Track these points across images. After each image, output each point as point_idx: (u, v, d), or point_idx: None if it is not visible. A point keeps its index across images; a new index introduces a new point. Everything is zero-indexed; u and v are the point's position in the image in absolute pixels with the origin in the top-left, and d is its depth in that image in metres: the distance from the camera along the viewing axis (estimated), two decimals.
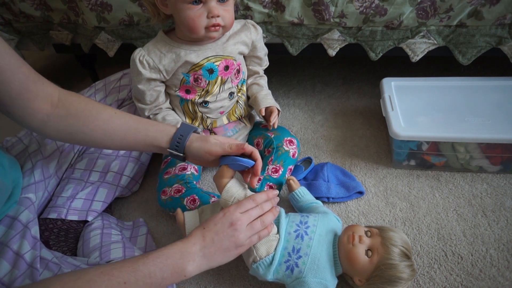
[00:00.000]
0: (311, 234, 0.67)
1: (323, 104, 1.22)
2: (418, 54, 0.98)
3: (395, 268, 0.60)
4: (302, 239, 0.66)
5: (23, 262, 0.63)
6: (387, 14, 0.91)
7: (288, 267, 0.65)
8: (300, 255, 0.65)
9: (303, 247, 0.65)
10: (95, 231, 0.76)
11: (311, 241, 0.66)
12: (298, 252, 0.65)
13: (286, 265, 0.65)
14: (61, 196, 0.81)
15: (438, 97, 0.96)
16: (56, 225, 0.77)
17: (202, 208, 0.74)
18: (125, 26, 1.05)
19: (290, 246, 0.66)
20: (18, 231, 0.67)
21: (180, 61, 0.80)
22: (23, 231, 0.67)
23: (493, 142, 0.83)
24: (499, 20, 0.88)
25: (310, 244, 0.66)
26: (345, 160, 0.99)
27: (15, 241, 0.65)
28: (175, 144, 0.69)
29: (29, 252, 0.65)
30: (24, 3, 1.07)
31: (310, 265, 0.64)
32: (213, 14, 0.74)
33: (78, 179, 0.84)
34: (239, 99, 0.93)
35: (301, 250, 0.65)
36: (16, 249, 0.64)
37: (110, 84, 0.94)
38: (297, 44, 1.03)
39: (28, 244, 0.66)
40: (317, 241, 0.66)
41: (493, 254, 0.73)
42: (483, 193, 0.85)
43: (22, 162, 0.80)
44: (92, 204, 0.82)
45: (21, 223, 0.68)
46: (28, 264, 0.63)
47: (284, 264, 0.65)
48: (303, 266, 0.64)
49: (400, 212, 0.84)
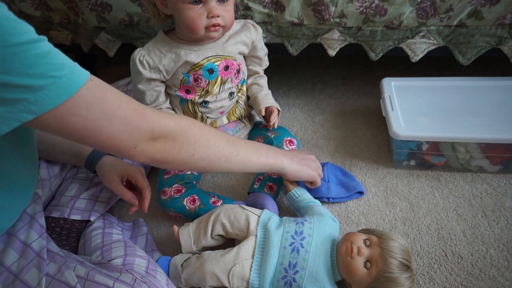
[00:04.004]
0: (307, 246, 0.66)
1: (323, 104, 1.22)
2: (418, 54, 0.98)
3: (394, 281, 0.60)
4: (298, 252, 0.66)
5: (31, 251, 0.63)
6: (387, 14, 0.91)
7: (286, 283, 0.65)
8: (297, 269, 0.65)
9: (299, 261, 0.65)
10: (96, 231, 0.76)
11: (307, 254, 0.65)
12: (295, 267, 0.65)
13: (283, 281, 0.65)
14: (64, 195, 0.81)
15: (438, 97, 0.96)
16: (59, 224, 0.77)
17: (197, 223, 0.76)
18: (125, 26, 1.05)
19: (286, 262, 0.66)
20: (25, 222, 0.67)
21: (180, 61, 0.80)
22: (30, 222, 0.67)
23: (493, 142, 0.83)
24: (499, 20, 0.88)
25: (306, 258, 0.65)
26: (345, 160, 0.99)
27: (22, 232, 0.65)
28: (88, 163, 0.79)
29: (36, 241, 0.64)
30: (24, 3, 1.07)
31: (308, 278, 0.64)
32: (213, 14, 0.73)
33: (83, 179, 0.84)
34: (239, 99, 0.93)
35: (298, 264, 0.65)
36: (24, 239, 0.64)
37: (118, 89, 0.94)
38: (297, 44, 1.03)
39: (35, 233, 0.66)
40: (313, 254, 0.66)
41: (493, 254, 0.73)
42: (483, 193, 0.85)
43: None
44: (95, 205, 0.82)
45: (28, 215, 0.68)
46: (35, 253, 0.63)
47: (282, 280, 0.65)
48: (300, 280, 0.64)
49: (400, 212, 0.84)
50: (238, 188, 0.95)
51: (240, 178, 0.98)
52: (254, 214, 0.73)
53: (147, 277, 0.61)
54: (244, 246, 0.68)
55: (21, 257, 0.62)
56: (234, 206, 0.76)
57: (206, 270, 0.66)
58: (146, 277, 0.61)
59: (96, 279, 0.57)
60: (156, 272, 0.64)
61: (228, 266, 0.66)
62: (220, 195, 0.87)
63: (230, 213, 0.73)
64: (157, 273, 0.64)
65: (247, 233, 0.71)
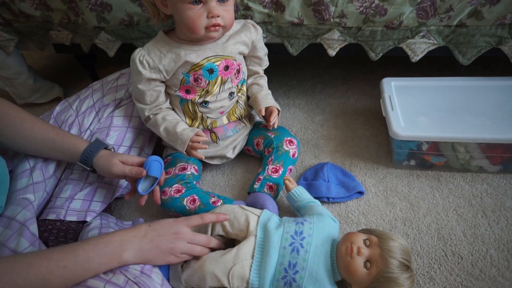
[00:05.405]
0: (307, 246, 0.66)
1: (323, 104, 1.22)
2: (418, 54, 0.98)
3: (394, 281, 0.60)
4: (297, 252, 0.66)
5: None
6: (387, 14, 0.91)
7: (286, 283, 0.65)
8: (297, 270, 0.65)
9: (299, 261, 0.65)
10: (93, 231, 0.76)
11: (307, 254, 0.66)
12: (295, 267, 0.65)
13: (283, 281, 0.65)
14: (59, 197, 0.81)
15: (438, 97, 0.96)
16: (55, 226, 0.77)
17: None
18: (125, 26, 1.05)
19: (286, 262, 0.66)
20: (15, 230, 0.67)
21: (180, 61, 0.80)
22: (20, 230, 0.67)
23: (493, 142, 0.83)
24: (499, 20, 0.88)
25: (306, 258, 0.65)
26: (345, 160, 0.99)
27: (12, 240, 0.65)
28: (84, 158, 0.76)
29: (28, 249, 0.64)
30: (24, 3, 1.07)
31: (308, 278, 0.64)
32: (213, 14, 0.73)
33: (77, 180, 0.84)
34: (239, 99, 0.93)
35: (298, 264, 0.65)
36: (13, 247, 0.64)
37: (108, 84, 0.94)
38: (297, 44, 1.03)
39: (26, 241, 0.65)
40: (313, 254, 0.66)
41: (493, 254, 0.73)
42: (483, 193, 0.85)
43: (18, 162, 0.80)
44: (91, 205, 0.82)
45: (18, 222, 0.68)
46: None
47: (282, 281, 0.65)
48: (300, 280, 0.64)
49: (400, 212, 0.84)
50: (238, 188, 0.95)
51: (240, 178, 0.98)
52: (254, 214, 0.73)
53: (141, 277, 0.61)
54: (244, 246, 0.68)
55: None
56: (234, 206, 0.76)
57: (206, 270, 0.66)
58: (140, 277, 0.60)
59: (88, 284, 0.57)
60: (151, 272, 0.64)
61: (227, 266, 0.66)
62: (220, 195, 0.87)
63: (230, 213, 0.73)
64: (153, 273, 0.64)
65: (247, 233, 0.71)
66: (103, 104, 0.91)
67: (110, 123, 0.89)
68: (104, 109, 0.91)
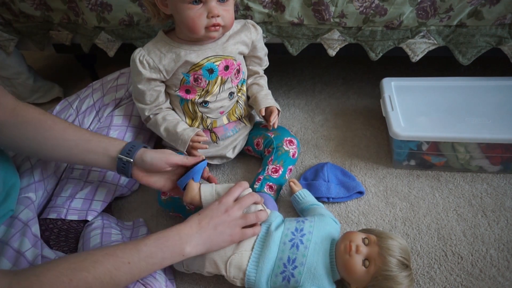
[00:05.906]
0: (307, 242, 0.67)
1: (323, 104, 1.22)
2: (418, 54, 0.98)
3: (392, 279, 0.60)
4: (297, 248, 0.66)
5: (24, 260, 0.63)
6: (387, 14, 0.91)
7: (285, 278, 0.65)
8: (296, 265, 0.65)
9: (298, 257, 0.65)
10: (95, 231, 0.76)
11: (306, 250, 0.66)
12: (294, 262, 0.65)
13: (282, 276, 0.65)
14: (60, 196, 0.81)
15: (438, 97, 0.96)
16: (56, 225, 0.77)
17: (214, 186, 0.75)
18: (125, 26, 1.05)
19: (285, 257, 0.66)
20: (18, 229, 0.67)
21: (180, 61, 0.80)
22: (23, 229, 0.67)
23: (493, 142, 0.83)
24: (499, 20, 0.88)
25: (305, 254, 0.65)
26: (345, 160, 0.99)
27: (15, 239, 0.65)
28: (126, 151, 0.72)
29: (30, 250, 0.65)
30: (24, 3, 1.07)
31: (306, 274, 0.64)
32: (213, 14, 0.73)
33: (77, 179, 0.84)
34: (239, 99, 0.93)
35: (297, 260, 0.65)
36: (17, 247, 0.64)
37: (107, 83, 0.94)
38: (297, 44, 1.03)
39: (29, 242, 0.66)
40: (312, 250, 0.66)
41: (493, 254, 0.73)
42: (483, 193, 0.85)
43: (20, 162, 0.80)
44: (91, 204, 0.82)
45: (21, 221, 0.68)
46: (29, 263, 0.63)
47: (280, 275, 0.65)
48: (299, 276, 0.64)
49: (400, 212, 0.84)
50: None
51: (240, 178, 0.98)
52: None
53: (148, 278, 0.62)
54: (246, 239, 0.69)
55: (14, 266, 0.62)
56: None
57: (206, 256, 0.67)
58: (147, 279, 0.62)
59: None
60: (155, 273, 0.65)
61: (227, 254, 0.67)
62: None
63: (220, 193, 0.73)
64: (157, 274, 0.65)
65: None
66: (103, 103, 0.91)
67: (110, 122, 0.89)
68: (104, 108, 0.91)
